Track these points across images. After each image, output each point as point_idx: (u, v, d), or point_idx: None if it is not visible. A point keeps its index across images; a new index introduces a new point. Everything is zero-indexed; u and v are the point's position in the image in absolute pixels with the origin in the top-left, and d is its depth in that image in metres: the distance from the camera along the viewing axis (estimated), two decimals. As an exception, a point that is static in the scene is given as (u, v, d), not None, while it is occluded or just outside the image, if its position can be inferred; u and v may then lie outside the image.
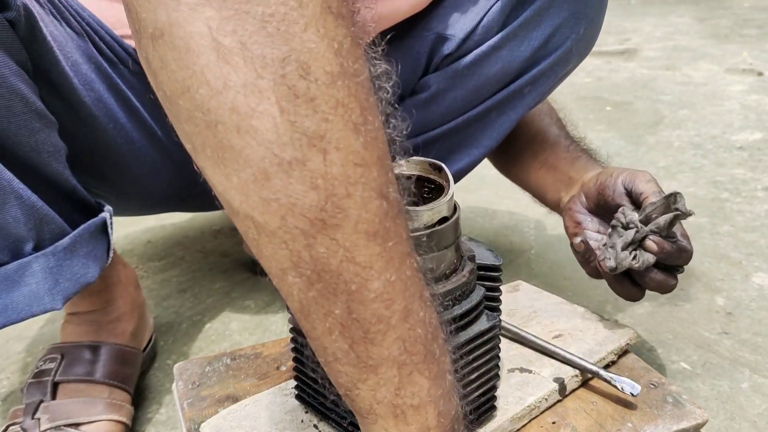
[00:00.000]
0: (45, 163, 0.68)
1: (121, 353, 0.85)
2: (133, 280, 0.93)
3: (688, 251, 0.74)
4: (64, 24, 0.74)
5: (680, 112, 1.93)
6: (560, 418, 0.63)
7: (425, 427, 0.44)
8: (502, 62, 0.89)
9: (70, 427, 0.76)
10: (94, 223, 0.75)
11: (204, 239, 1.34)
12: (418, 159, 0.60)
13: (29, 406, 0.77)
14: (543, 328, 0.74)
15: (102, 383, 0.81)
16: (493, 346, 0.57)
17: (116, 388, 0.82)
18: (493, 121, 0.94)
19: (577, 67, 0.97)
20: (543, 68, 0.90)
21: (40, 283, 0.68)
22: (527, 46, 0.89)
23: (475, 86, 0.91)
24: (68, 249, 0.70)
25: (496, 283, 0.60)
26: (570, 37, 0.89)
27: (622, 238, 0.73)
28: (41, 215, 0.67)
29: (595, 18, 0.91)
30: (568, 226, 0.88)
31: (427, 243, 0.53)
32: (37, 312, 0.67)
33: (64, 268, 0.70)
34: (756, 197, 1.39)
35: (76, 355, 0.82)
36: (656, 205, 0.72)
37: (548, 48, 0.89)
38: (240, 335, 1.02)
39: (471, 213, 1.41)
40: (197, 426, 0.63)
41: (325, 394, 0.58)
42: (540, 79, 0.92)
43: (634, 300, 0.78)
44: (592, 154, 0.97)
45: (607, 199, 0.81)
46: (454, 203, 0.56)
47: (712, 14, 3.25)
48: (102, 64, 0.79)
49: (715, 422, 0.79)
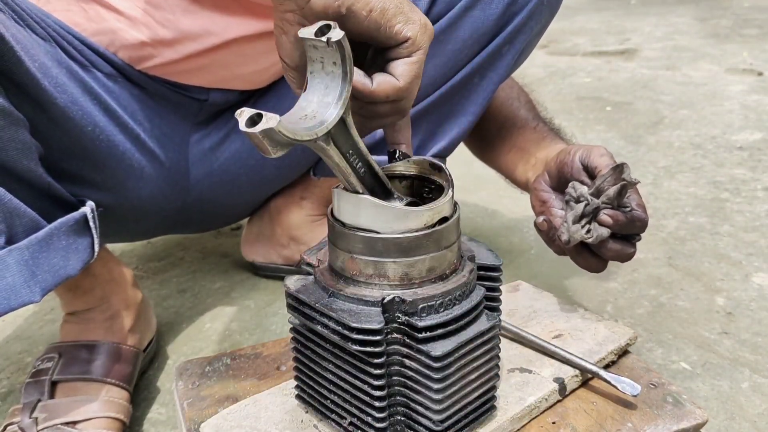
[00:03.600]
0: (13, 159, 0.68)
1: (119, 351, 0.85)
2: (129, 278, 0.93)
3: (642, 220, 0.75)
4: (28, 30, 0.74)
5: (680, 112, 1.93)
6: (560, 418, 0.63)
7: None
8: (474, 22, 0.89)
9: (68, 426, 0.76)
10: (72, 218, 0.74)
11: (204, 239, 1.34)
12: (419, 159, 0.60)
13: (27, 405, 0.78)
14: (543, 328, 0.74)
15: (100, 381, 0.81)
16: (493, 346, 0.57)
17: (114, 386, 0.82)
18: (476, 86, 0.94)
19: (551, 22, 0.97)
20: (517, 24, 0.90)
21: (16, 276, 0.67)
22: (498, 2, 0.89)
23: (452, 50, 0.90)
24: (43, 242, 0.70)
25: (496, 283, 0.60)
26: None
27: (573, 211, 0.74)
28: (11, 209, 0.67)
29: None
30: (534, 206, 0.88)
31: (427, 243, 0.53)
32: (16, 305, 0.67)
33: (40, 260, 0.69)
34: (756, 197, 1.39)
35: (73, 354, 0.83)
36: (606, 177, 0.73)
37: (519, 2, 0.89)
38: (240, 335, 1.02)
39: (471, 213, 1.41)
40: (197, 426, 0.63)
41: (325, 394, 0.58)
42: (516, 36, 0.91)
43: (596, 271, 0.80)
44: (558, 133, 0.98)
45: (566, 176, 0.82)
46: (454, 203, 0.56)
47: (712, 14, 3.25)
48: (73, 68, 0.79)
49: (715, 422, 0.79)
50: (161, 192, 0.93)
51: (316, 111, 0.51)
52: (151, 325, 0.96)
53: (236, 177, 1.00)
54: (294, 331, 0.59)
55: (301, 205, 1.09)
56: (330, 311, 0.53)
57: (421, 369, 0.53)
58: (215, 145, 0.98)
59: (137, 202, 0.90)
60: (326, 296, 0.55)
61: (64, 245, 0.73)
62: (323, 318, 0.54)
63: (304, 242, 1.10)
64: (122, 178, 0.86)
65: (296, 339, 0.59)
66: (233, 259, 1.25)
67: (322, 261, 0.58)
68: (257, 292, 1.13)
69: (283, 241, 1.13)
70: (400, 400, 0.55)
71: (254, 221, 1.16)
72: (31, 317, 1.10)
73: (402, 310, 0.52)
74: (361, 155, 0.54)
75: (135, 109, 0.88)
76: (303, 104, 0.51)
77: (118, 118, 0.84)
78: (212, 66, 0.90)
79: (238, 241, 1.31)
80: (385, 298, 0.52)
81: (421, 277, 0.54)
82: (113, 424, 0.79)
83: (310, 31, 0.49)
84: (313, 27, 0.49)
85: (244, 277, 1.19)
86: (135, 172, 0.87)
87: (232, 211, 1.12)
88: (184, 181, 0.96)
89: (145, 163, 0.88)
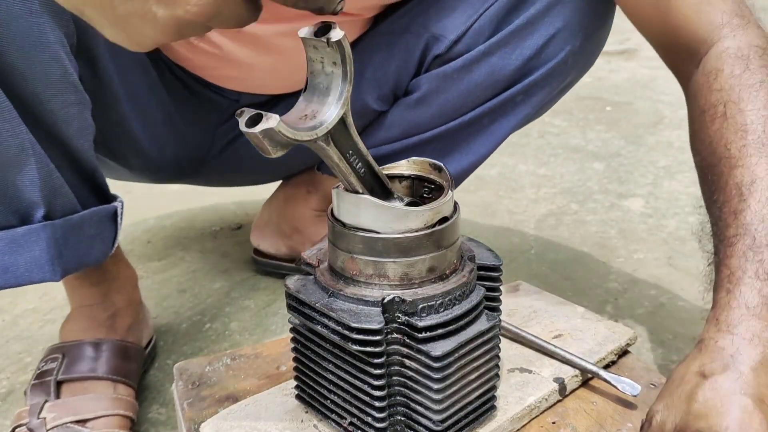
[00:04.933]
0: (72, 137, 0.70)
1: (123, 348, 0.85)
2: (133, 280, 0.93)
3: None
4: None
5: (680, 112, 1.93)
6: (560, 418, 0.63)
7: None
8: (491, 69, 0.87)
9: (77, 424, 0.75)
10: (105, 209, 0.77)
11: (204, 239, 1.34)
12: (418, 159, 0.60)
13: (34, 406, 0.77)
14: (543, 328, 0.74)
15: (106, 379, 0.81)
16: (493, 346, 0.57)
17: (120, 383, 0.82)
18: (485, 128, 0.92)
19: (578, 80, 0.94)
20: (536, 78, 0.88)
21: (44, 252, 0.69)
22: (519, 54, 0.86)
23: (465, 90, 0.90)
24: (77, 226, 0.72)
25: (496, 283, 0.60)
26: (564, 49, 0.86)
27: None
28: (56, 186, 0.69)
29: (593, 32, 0.87)
30: None
31: (427, 243, 0.53)
32: (36, 279, 0.69)
33: (69, 242, 0.71)
34: (756, 197, 1.38)
35: (77, 353, 0.82)
36: None
37: (541, 58, 0.87)
38: (240, 335, 1.02)
39: (471, 213, 1.41)
40: (197, 426, 0.63)
41: (325, 394, 0.58)
42: (533, 90, 0.89)
43: None
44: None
45: None
46: (454, 203, 0.56)
47: (712, 14, 3.24)
48: None
49: (715, 422, 0.79)
50: (177, 166, 0.99)
51: (316, 111, 0.51)
52: (148, 326, 0.96)
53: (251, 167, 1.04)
54: (294, 331, 0.59)
55: (307, 199, 1.11)
56: (330, 311, 0.53)
57: (421, 369, 0.53)
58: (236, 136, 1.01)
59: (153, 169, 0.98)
60: (326, 296, 0.55)
61: (92, 234, 0.75)
62: (323, 318, 0.54)
63: (307, 235, 1.11)
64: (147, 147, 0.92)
65: (296, 339, 0.59)
66: (233, 259, 1.25)
67: (322, 261, 0.58)
68: (257, 292, 1.13)
69: (287, 231, 1.14)
70: (400, 400, 0.55)
71: (266, 207, 1.18)
72: (31, 317, 1.10)
73: (402, 310, 0.52)
74: (361, 155, 0.54)
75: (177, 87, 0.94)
76: (303, 104, 0.51)
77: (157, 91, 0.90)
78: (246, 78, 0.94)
79: (238, 240, 1.31)
80: (385, 298, 0.52)
81: (421, 277, 0.54)
82: (122, 421, 0.79)
83: (310, 31, 0.49)
84: (313, 27, 0.49)
85: (244, 277, 1.19)
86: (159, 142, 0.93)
87: (247, 179, 1.15)
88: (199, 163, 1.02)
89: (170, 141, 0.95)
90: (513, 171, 1.62)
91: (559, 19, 0.84)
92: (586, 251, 1.21)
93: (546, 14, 0.84)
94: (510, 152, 1.72)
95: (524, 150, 1.74)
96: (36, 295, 1.16)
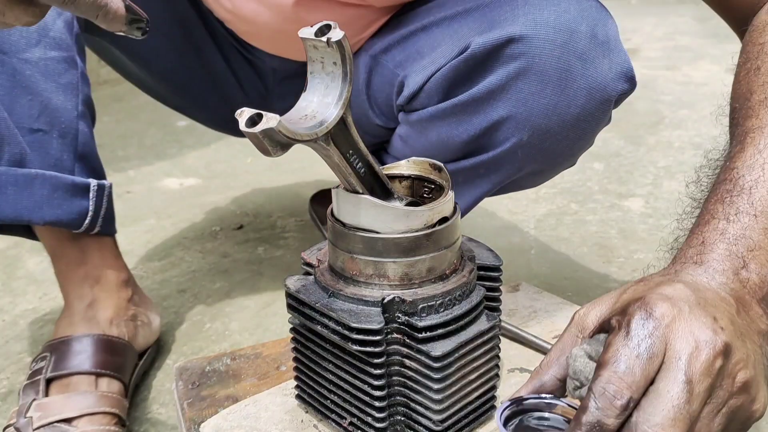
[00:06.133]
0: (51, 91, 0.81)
1: (107, 342, 0.85)
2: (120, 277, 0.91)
3: None
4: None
5: (680, 112, 1.93)
6: (560, 418, 0.63)
7: None
8: (441, 134, 0.83)
9: (63, 423, 0.76)
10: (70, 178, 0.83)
11: (204, 239, 1.34)
12: (418, 159, 0.60)
13: (22, 406, 0.78)
14: (543, 328, 0.74)
15: (92, 374, 0.81)
16: (493, 346, 0.57)
17: (107, 377, 0.82)
18: (459, 186, 0.86)
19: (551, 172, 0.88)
20: (487, 159, 0.82)
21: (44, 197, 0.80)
22: (465, 129, 0.80)
23: (425, 145, 0.85)
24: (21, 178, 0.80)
25: (496, 283, 0.60)
26: (510, 140, 0.79)
27: None
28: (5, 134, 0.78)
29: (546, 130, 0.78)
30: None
31: (427, 243, 0.53)
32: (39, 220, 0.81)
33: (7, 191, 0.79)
34: (756, 197, 1.38)
35: (62, 350, 0.83)
36: None
37: (490, 141, 0.80)
38: (240, 335, 1.02)
39: (471, 213, 1.41)
40: (197, 426, 0.63)
41: (325, 394, 0.58)
42: (492, 169, 0.83)
43: None
44: None
45: None
46: (454, 203, 0.56)
47: (712, 14, 3.24)
48: None
49: (715, 422, 0.79)
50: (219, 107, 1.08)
51: (316, 111, 0.51)
52: (147, 325, 0.94)
53: None
54: (294, 331, 0.59)
55: None
56: (330, 311, 0.53)
57: (421, 369, 0.53)
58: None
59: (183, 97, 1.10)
60: (326, 296, 0.55)
61: (45, 194, 0.81)
62: (323, 318, 0.54)
63: None
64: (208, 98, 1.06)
65: (296, 339, 0.59)
66: (233, 259, 1.25)
67: (322, 261, 0.58)
68: (257, 292, 1.13)
69: None
70: (400, 400, 0.55)
71: None
72: (31, 317, 1.10)
73: (402, 310, 0.53)
74: (361, 155, 0.54)
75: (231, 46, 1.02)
76: (303, 104, 0.51)
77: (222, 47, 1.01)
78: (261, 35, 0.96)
79: (238, 240, 1.31)
80: (385, 298, 0.52)
81: (421, 277, 0.54)
82: (108, 418, 0.79)
83: (311, 32, 0.49)
84: (313, 27, 0.49)
85: (244, 277, 1.19)
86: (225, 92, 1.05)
87: None
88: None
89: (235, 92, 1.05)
90: (513, 171, 1.62)
91: (503, 107, 0.77)
92: (586, 251, 1.21)
93: (491, 97, 0.77)
94: (510, 152, 1.73)
95: (524, 150, 1.74)
96: (36, 296, 1.16)
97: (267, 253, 1.27)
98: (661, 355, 0.43)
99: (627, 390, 0.42)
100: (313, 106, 0.51)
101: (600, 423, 0.42)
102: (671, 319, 0.44)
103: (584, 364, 0.47)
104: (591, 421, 0.42)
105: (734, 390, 0.44)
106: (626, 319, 0.46)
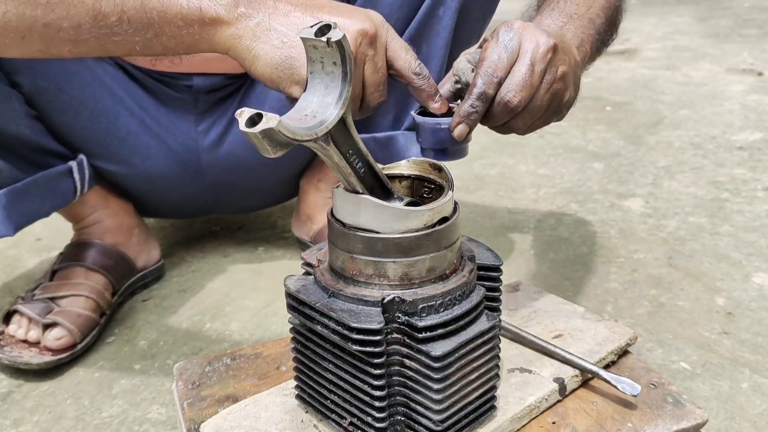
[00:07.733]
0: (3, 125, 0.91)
1: (103, 248, 1.08)
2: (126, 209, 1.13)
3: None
4: None
5: (680, 112, 1.93)
6: (560, 418, 0.63)
7: None
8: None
9: (52, 300, 0.99)
10: (56, 171, 0.98)
11: (204, 239, 1.34)
12: (418, 159, 0.60)
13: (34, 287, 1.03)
14: (543, 328, 0.74)
15: (87, 267, 1.05)
16: (493, 346, 0.57)
17: (98, 273, 1.05)
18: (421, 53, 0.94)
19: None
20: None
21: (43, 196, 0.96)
22: None
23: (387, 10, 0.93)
24: (21, 191, 0.93)
25: (496, 283, 0.60)
26: None
27: None
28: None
29: None
30: None
31: (427, 243, 0.53)
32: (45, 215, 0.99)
33: (16, 204, 0.93)
34: (756, 197, 1.39)
35: (69, 251, 1.08)
36: None
37: None
38: (240, 335, 1.02)
39: (471, 213, 1.41)
40: (197, 426, 0.63)
41: (325, 394, 0.58)
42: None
43: None
44: None
45: None
46: (454, 203, 0.56)
47: (712, 14, 3.25)
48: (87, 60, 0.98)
49: (715, 422, 0.79)
50: (174, 172, 1.09)
51: (316, 111, 0.51)
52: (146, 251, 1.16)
53: (245, 160, 1.09)
54: (294, 331, 0.59)
55: (318, 187, 1.19)
56: (330, 311, 0.53)
57: (421, 369, 0.53)
58: (221, 133, 1.09)
59: (149, 178, 1.10)
60: (326, 296, 0.55)
61: (42, 193, 0.96)
62: (323, 318, 0.54)
63: (316, 222, 1.19)
64: (127, 155, 1.06)
65: (296, 339, 0.59)
66: (233, 259, 1.25)
67: (322, 261, 0.58)
68: (257, 292, 1.13)
69: (303, 219, 1.22)
70: (400, 400, 0.55)
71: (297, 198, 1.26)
72: (31, 317, 1.10)
73: (402, 310, 0.53)
74: (361, 155, 0.54)
75: (142, 97, 1.06)
76: (303, 104, 0.51)
77: (123, 103, 1.03)
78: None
79: (238, 241, 1.31)
80: (385, 298, 0.52)
81: (421, 277, 0.54)
82: (88, 303, 1.00)
83: (311, 32, 0.49)
84: (313, 27, 0.49)
85: (244, 277, 1.19)
86: (140, 151, 1.06)
87: (256, 194, 1.22)
88: (196, 164, 1.10)
89: (152, 145, 1.06)
90: (513, 171, 1.62)
91: None
92: (586, 251, 1.21)
93: None
94: (510, 152, 1.73)
95: (524, 150, 1.74)
96: (36, 295, 1.16)
97: (267, 253, 1.27)
98: (517, 50, 0.63)
99: (500, 71, 0.62)
100: (312, 106, 0.51)
101: (484, 93, 0.62)
102: (524, 29, 0.64)
103: (465, 67, 0.66)
104: (478, 92, 0.62)
105: (557, 76, 0.65)
106: (495, 32, 0.66)
